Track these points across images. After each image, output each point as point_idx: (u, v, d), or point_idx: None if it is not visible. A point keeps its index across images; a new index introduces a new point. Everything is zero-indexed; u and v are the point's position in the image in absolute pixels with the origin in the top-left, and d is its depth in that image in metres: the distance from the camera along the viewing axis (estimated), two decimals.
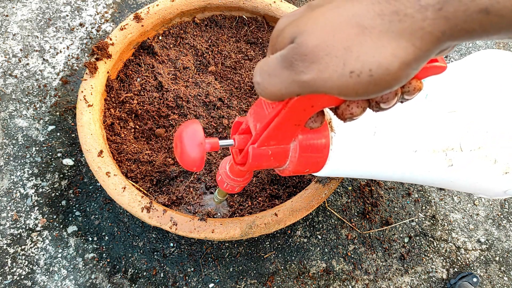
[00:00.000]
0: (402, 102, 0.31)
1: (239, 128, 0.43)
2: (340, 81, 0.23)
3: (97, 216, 0.86)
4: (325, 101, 0.32)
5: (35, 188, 0.87)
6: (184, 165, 0.39)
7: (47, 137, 0.92)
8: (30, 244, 0.82)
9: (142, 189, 0.76)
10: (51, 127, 0.93)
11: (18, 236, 0.83)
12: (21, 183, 0.87)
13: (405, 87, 0.29)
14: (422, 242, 0.90)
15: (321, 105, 0.33)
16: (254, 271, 0.84)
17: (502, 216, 0.94)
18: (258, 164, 0.42)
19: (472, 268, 0.89)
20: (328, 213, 0.91)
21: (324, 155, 0.44)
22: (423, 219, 0.93)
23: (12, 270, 0.80)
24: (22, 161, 0.89)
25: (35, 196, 0.86)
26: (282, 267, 0.85)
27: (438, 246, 0.90)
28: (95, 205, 0.87)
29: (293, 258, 0.86)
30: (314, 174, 0.49)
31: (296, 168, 0.44)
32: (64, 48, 1.03)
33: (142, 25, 0.86)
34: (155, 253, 0.83)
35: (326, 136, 0.43)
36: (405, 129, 0.51)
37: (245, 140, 0.43)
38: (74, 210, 0.86)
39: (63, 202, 0.86)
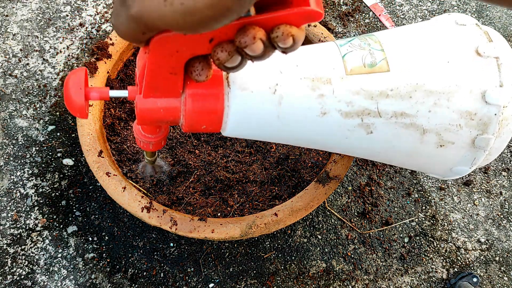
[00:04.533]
0: (284, 52, 0.30)
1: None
2: (160, 10, 0.23)
3: (97, 216, 0.86)
4: (188, 46, 0.31)
5: (35, 188, 0.87)
6: (69, 108, 0.39)
7: (47, 137, 0.92)
8: (30, 244, 0.82)
9: (142, 189, 0.76)
10: (51, 127, 0.93)
11: (18, 236, 0.83)
12: (21, 183, 0.87)
13: (274, 31, 0.28)
14: (422, 242, 0.90)
15: (187, 50, 0.31)
16: (254, 271, 0.84)
17: (502, 216, 0.94)
18: (148, 116, 0.40)
19: (472, 268, 0.89)
20: (328, 213, 0.91)
21: (219, 111, 0.42)
22: (423, 219, 0.93)
23: (12, 270, 0.80)
24: (22, 161, 0.89)
25: (35, 196, 0.86)
26: (282, 267, 0.85)
27: (438, 246, 0.90)
28: (95, 205, 0.87)
29: (293, 258, 0.86)
30: (225, 134, 0.46)
31: (190, 123, 0.42)
32: (64, 48, 1.03)
33: None
34: (155, 253, 0.84)
35: (219, 90, 0.41)
36: (310, 86, 0.45)
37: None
38: (74, 210, 0.86)
39: (63, 202, 0.86)
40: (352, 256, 0.87)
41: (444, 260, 0.89)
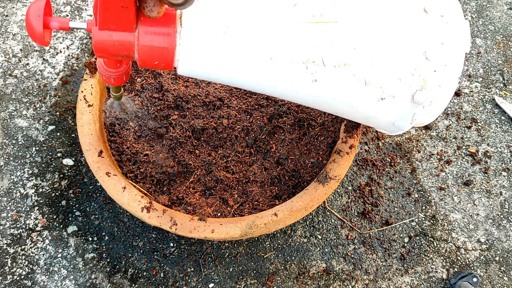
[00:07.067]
0: None
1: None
2: None
3: (97, 216, 0.86)
4: None
5: (35, 188, 0.87)
6: (30, 36, 0.43)
7: (47, 137, 0.92)
8: (30, 244, 0.82)
9: (142, 189, 0.76)
10: (51, 127, 0.93)
11: (18, 236, 0.83)
12: (21, 183, 0.87)
13: None
14: (422, 242, 0.90)
15: None
16: (254, 271, 0.84)
17: (502, 216, 0.94)
18: (104, 48, 0.43)
19: (472, 268, 0.89)
20: (328, 213, 0.91)
21: (170, 48, 0.44)
22: (423, 219, 0.93)
23: (12, 270, 0.80)
24: (22, 161, 0.89)
25: (35, 196, 0.86)
26: (282, 267, 0.85)
27: (438, 246, 0.90)
28: (95, 205, 0.87)
29: (293, 258, 0.86)
30: (179, 73, 0.49)
31: (142, 58, 0.45)
32: (64, 48, 1.03)
33: None
34: (155, 253, 0.84)
35: (171, 28, 0.44)
36: (259, 31, 0.47)
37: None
38: (74, 210, 0.86)
39: (63, 202, 0.86)
40: (352, 256, 0.87)
41: (444, 260, 0.89)
